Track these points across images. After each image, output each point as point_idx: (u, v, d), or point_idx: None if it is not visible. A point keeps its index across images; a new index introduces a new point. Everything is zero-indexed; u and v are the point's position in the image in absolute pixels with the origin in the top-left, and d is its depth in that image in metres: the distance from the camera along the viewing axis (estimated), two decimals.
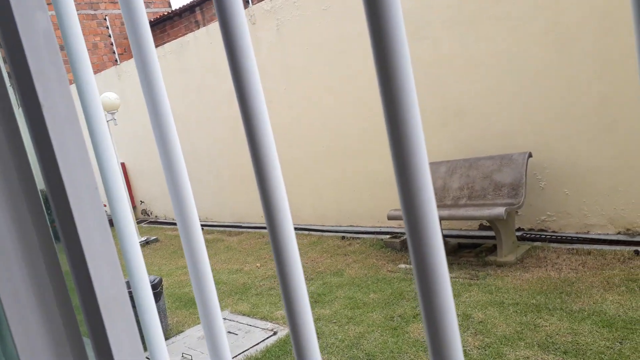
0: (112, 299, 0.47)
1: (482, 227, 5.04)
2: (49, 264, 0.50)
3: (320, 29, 5.77)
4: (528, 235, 4.60)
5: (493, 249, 4.39)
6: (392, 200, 5.65)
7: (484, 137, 4.80)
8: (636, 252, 3.79)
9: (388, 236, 5.23)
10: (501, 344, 2.89)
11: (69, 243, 0.47)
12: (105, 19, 11.81)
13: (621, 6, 3.85)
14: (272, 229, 0.40)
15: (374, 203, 5.84)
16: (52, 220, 0.50)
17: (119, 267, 0.47)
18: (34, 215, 0.51)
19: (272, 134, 0.44)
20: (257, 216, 7.38)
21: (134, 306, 0.86)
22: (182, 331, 3.95)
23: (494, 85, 4.62)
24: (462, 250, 4.63)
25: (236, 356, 3.37)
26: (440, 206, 4.60)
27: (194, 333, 3.87)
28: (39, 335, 0.48)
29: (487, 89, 4.68)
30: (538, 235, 4.56)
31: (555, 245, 4.31)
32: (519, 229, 4.78)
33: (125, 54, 12.00)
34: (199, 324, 4.05)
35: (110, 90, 8.96)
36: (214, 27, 7.00)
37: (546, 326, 3.00)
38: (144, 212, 9.71)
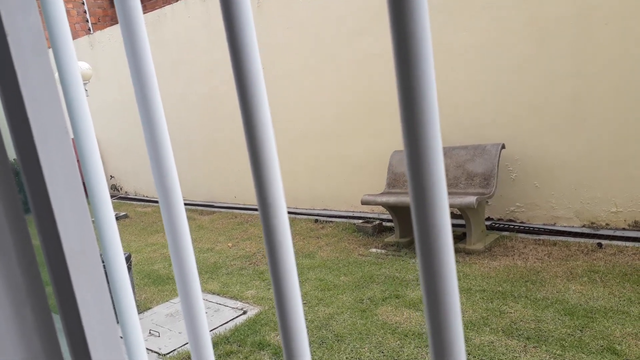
0: (83, 264, 0.45)
1: (452, 215, 5.13)
2: (16, 237, 0.48)
3: (302, 9, 5.69)
4: (497, 225, 4.70)
5: (462, 237, 4.48)
6: (366, 185, 5.68)
7: (458, 126, 4.85)
8: (599, 244, 3.92)
9: (360, 221, 5.27)
10: (467, 328, 2.96)
11: (38, 210, 0.45)
12: None
13: (598, 5, 3.91)
14: (265, 209, 0.38)
15: (348, 187, 5.86)
16: (22, 190, 0.48)
17: (92, 235, 0.45)
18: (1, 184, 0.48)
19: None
20: (230, 196, 7.32)
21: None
22: (149, 308, 3.91)
23: (470, 76, 4.66)
24: None
25: None
26: None
27: (162, 310, 3.84)
28: (4, 315, 0.46)
29: (463, 80, 4.71)
30: (507, 225, 4.66)
31: (522, 235, 4.42)
32: (488, 219, 4.87)
33: (99, 23, 11.61)
34: (166, 301, 4.02)
35: (81, 60, 8.67)
36: (193, 0, 6.82)
37: (511, 313, 3.08)
38: (114, 187, 9.52)
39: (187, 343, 3.26)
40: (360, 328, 3.14)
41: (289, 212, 6.25)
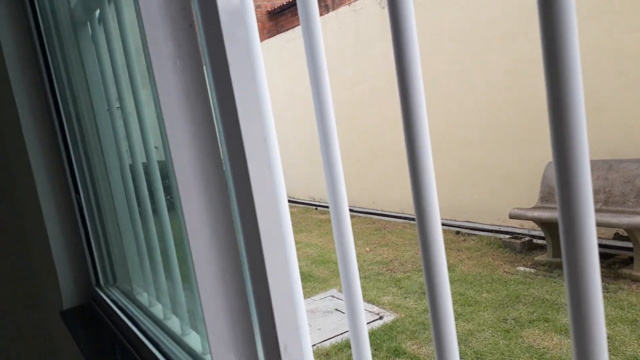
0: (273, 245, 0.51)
1: (617, 237, 4.56)
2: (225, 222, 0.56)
3: (449, 13, 5.57)
4: None
5: (629, 262, 3.96)
6: (515, 198, 5.33)
7: (627, 136, 4.31)
8: None
9: (508, 236, 4.97)
10: None
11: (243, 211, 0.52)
12: None
13: None
14: (422, 224, 0.41)
15: (495, 199, 5.56)
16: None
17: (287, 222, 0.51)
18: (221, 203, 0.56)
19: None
20: (368, 202, 7.43)
21: None
22: None
23: None
24: None
25: (342, 334, 3.47)
26: None
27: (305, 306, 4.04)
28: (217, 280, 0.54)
29: (635, 84, 4.17)
30: None
31: None
32: None
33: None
34: (307, 297, 4.22)
35: None
36: (343, 11, 7.09)
37: None
38: None
39: (324, 340, 3.40)
40: (503, 348, 2.96)
41: None
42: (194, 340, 0.99)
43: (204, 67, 0.48)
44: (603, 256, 4.23)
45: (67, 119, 1.43)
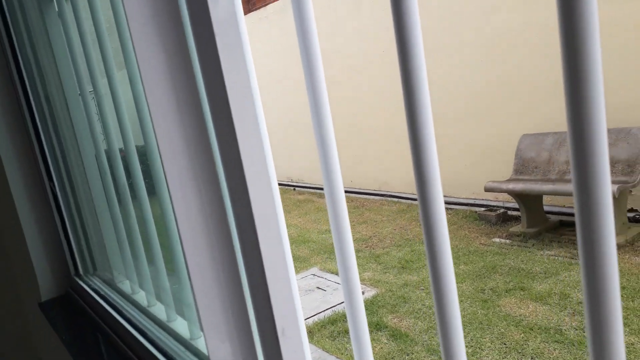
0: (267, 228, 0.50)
1: None
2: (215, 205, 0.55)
3: None
4: None
5: None
6: (489, 171, 5.42)
7: (610, 106, 4.40)
8: None
9: (483, 209, 5.06)
10: None
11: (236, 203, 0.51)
12: None
13: None
14: (424, 202, 0.40)
15: (470, 173, 5.65)
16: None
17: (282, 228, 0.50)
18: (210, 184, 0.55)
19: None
20: (346, 180, 7.45)
21: None
22: None
23: (618, 54, 4.19)
24: (563, 227, 4.38)
25: (324, 311, 3.51)
26: (544, 180, 4.35)
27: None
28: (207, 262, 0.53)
29: (622, 53, 4.24)
30: None
31: None
32: (631, 210, 4.39)
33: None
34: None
35: None
36: None
37: None
38: None
39: (307, 318, 3.43)
40: (481, 318, 3.04)
41: (405, 198, 6.20)
42: (180, 326, 0.98)
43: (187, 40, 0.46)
44: (573, 224, 4.34)
45: (36, 103, 1.37)
